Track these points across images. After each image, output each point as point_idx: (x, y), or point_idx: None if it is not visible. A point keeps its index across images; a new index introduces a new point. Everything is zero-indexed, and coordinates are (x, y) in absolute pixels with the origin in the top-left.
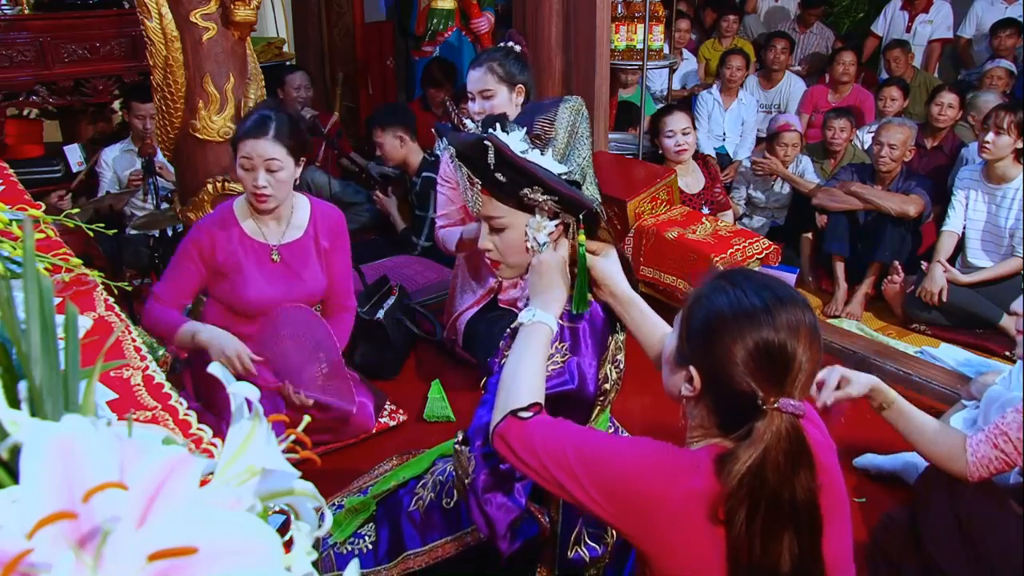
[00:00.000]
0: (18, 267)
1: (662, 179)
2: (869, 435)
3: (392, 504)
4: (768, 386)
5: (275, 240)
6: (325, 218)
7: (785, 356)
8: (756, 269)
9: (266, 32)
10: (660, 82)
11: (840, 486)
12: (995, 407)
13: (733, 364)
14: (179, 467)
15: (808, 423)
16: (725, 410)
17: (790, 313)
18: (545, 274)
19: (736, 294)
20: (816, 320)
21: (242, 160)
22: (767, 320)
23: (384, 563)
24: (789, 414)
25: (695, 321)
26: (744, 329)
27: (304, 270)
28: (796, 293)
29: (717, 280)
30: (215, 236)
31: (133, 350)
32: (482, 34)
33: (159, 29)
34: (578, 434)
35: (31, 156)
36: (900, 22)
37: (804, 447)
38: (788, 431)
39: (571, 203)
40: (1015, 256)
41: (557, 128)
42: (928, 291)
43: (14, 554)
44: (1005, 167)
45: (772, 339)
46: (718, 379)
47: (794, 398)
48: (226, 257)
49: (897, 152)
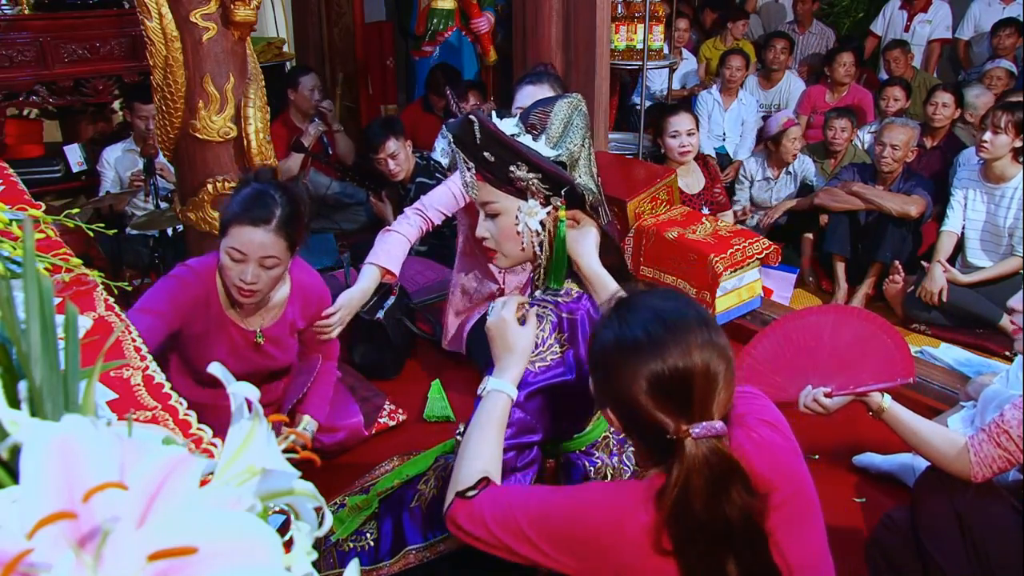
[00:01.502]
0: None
1: (662, 179)
2: (869, 435)
3: (394, 501)
4: (675, 416)
5: (257, 325)
6: (305, 301)
7: (681, 383)
8: (758, 272)
9: (266, 32)
10: (660, 82)
11: (806, 487)
12: (992, 406)
13: (636, 403)
14: (179, 467)
15: (765, 427)
16: (649, 444)
17: (677, 336)
18: (496, 338)
19: (621, 329)
20: (713, 330)
21: (230, 250)
22: (652, 351)
23: (385, 560)
24: (705, 439)
25: (593, 363)
26: (634, 366)
27: (278, 351)
28: (686, 310)
29: (607, 315)
30: (195, 307)
31: (133, 350)
32: (482, 34)
33: (159, 29)
34: (525, 496)
35: (31, 156)
36: (899, 22)
37: (730, 467)
38: (707, 456)
39: (554, 180)
40: (1015, 255)
41: (552, 118)
42: (928, 291)
43: (14, 554)
44: (1003, 166)
45: (661, 370)
46: (630, 418)
47: (711, 417)
48: (201, 330)
49: (899, 152)
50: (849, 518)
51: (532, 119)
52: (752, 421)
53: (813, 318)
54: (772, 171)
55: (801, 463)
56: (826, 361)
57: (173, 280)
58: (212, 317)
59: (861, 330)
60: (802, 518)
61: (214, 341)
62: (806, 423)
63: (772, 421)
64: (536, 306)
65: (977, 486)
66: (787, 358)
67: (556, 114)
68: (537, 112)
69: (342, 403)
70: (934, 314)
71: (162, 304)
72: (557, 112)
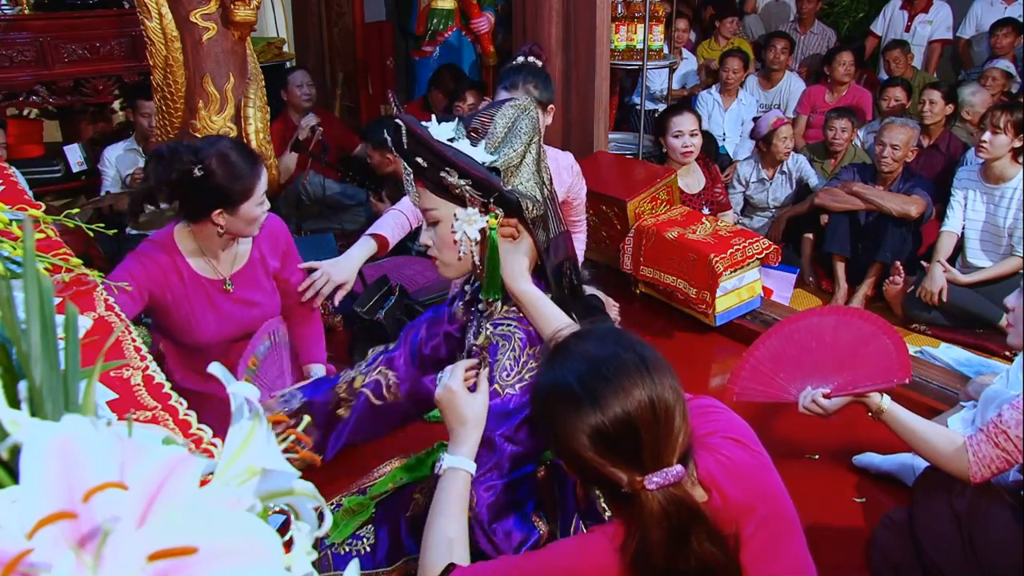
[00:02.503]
0: (18, 267)
1: (662, 179)
2: (869, 435)
3: (391, 507)
4: (626, 468)
5: (227, 270)
6: (271, 239)
7: (626, 433)
8: (758, 272)
9: (266, 32)
10: (660, 82)
11: (782, 502)
12: (992, 406)
13: (583, 458)
14: (179, 467)
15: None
16: (607, 494)
17: (614, 384)
18: (446, 410)
19: (556, 379)
20: (655, 370)
21: (262, 196)
22: (592, 405)
23: (383, 566)
24: (662, 488)
25: (535, 414)
26: (574, 421)
27: (256, 295)
28: (624, 353)
29: (544, 362)
30: (163, 273)
31: (133, 350)
32: (482, 34)
33: (159, 29)
34: (492, 570)
35: (31, 156)
36: (899, 22)
37: (690, 516)
38: (665, 507)
39: (485, 187)
40: (1014, 255)
41: (496, 122)
42: (928, 291)
43: (14, 554)
44: (1003, 166)
45: (601, 423)
46: (580, 470)
47: (667, 462)
48: (175, 297)
49: (900, 152)
50: (849, 518)
51: (474, 123)
52: (717, 441)
53: (815, 319)
54: (766, 172)
55: (774, 476)
56: (827, 362)
57: (132, 257)
58: (185, 279)
59: (861, 331)
60: (781, 535)
61: (194, 302)
62: (806, 423)
63: (737, 437)
64: (500, 326)
65: (976, 486)
66: (789, 359)
67: (499, 119)
68: (481, 116)
69: None
70: (934, 314)
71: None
72: (501, 117)
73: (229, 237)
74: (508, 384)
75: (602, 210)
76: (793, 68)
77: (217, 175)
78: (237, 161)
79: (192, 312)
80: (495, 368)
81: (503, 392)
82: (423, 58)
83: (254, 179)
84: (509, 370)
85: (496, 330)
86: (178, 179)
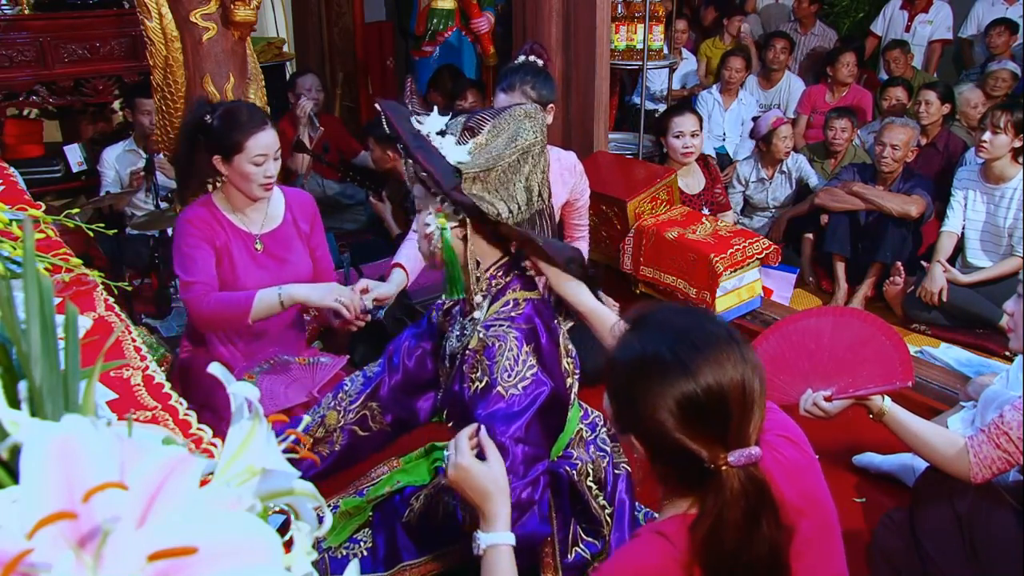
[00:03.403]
0: (18, 267)
1: (662, 179)
2: (869, 435)
3: (388, 511)
4: (710, 443)
5: (256, 230)
6: (299, 203)
7: (716, 404)
8: (758, 272)
9: (266, 32)
10: (660, 82)
11: (825, 505)
12: (993, 407)
13: (665, 429)
14: (179, 467)
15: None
16: (679, 473)
17: (708, 354)
18: (466, 490)
19: (644, 350)
20: (744, 346)
21: (256, 158)
22: (683, 372)
23: (380, 570)
24: (743, 467)
25: (615, 387)
26: (662, 389)
27: (290, 255)
28: (712, 325)
29: (626, 333)
30: (208, 223)
31: (133, 350)
32: (482, 34)
33: (159, 29)
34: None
35: (31, 156)
36: (900, 21)
37: (765, 497)
38: (744, 486)
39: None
40: (1014, 255)
41: (489, 127)
42: (928, 291)
43: (14, 554)
44: (1003, 166)
45: (694, 392)
46: (658, 446)
47: (748, 442)
48: (221, 245)
49: (900, 152)
50: (849, 518)
51: (471, 123)
52: (774, 439)
53: (813, 320)
54: (766, 171)
55: (822, 483)
56: (826, 363)
57: (182, 223)
58: (226, 230)
59: (861, 332)
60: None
61: (234, 251)
62: (806, 424)
63: (792, 437)
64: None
65: (977, 487)
66: (788, 360)
67: (496, 124)
68: (479, 116)
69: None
70: (934, 314)
71: (194, 239)
72: (499, 122)
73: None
74: (511, 385)
75: (602, 210)
76: (793, 68)
77: (217, 123)
78: (238, 116)
79: (233, 261)
80: (495, 370)
81: (507, 394)
82: (423, 58)
83: (248, 135)
84: (510, 370)
85: (489, 332)
86: (194, 124)
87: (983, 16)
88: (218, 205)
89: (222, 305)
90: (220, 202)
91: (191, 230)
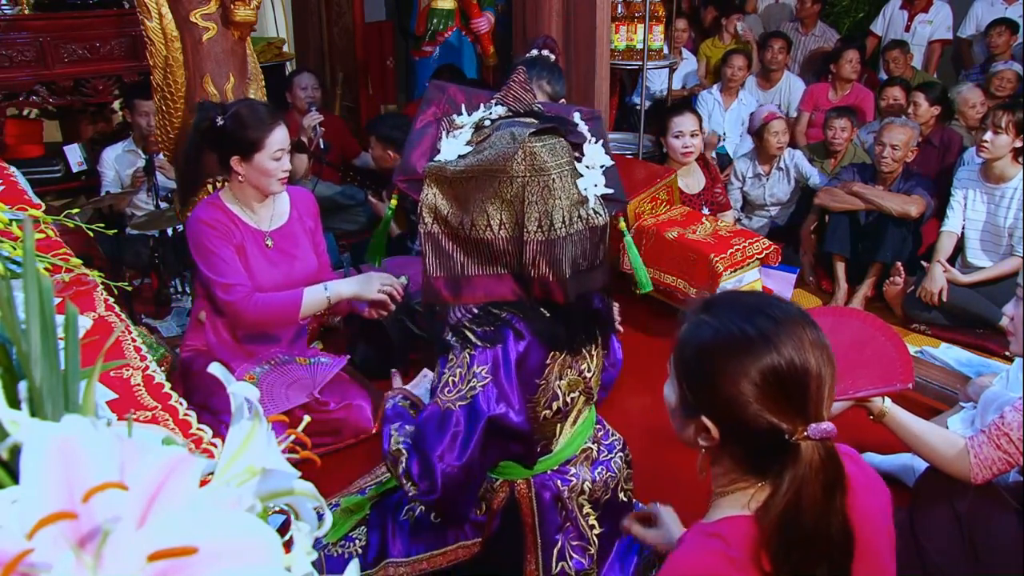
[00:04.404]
0: (18, 267)
1: (662, 179)
2: (869, 435)
3: (384, 509)
4: (791, 416)
5: (267, 227)
6: (303, 200)
7: (798, 377)
8: (758, 272)
9: (266, 32)
10: (660, 82)
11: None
12: (993, 407)
13: (745, 403)
14: (179, 467)
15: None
16: (752, 454)
17: (788, 329)
18: None
19: (723, 326)
20: (819, 329)
21: (276, 153)
22: (766, 345)
23: (368, 568)
24: (821, 440)
25: (688, 367)
26: (744, 362)
27: (298, 251)
28: (787, 305)
29: (698, 316)
30: (224, 223)
31: (133, 350)
32: (482, 34)
33: (159, 29)
34: None
35: (31, 156)
36: (899, 22)
37: (839, 471)
38: (823, 459)
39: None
40: (1014, 255)
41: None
42: (928, 291)
43: (14, 554)
44: (1003, 166)
45: (778, 364)
46: (734, 424)
47: (822, 418)
48: (237, 242)
49: (899, 152)
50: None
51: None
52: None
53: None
54: (763, 167)
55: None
56: None
57: (199, 227)
58: (239, 226)
59: (861, 333)
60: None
61: (248, 246)
62: None
63: (847, 452)
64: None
65: (977, 488)
66: None
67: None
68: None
69: (354, 388)
70: (934, 314)
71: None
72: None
73: (260, 193)
74: (449, 400)
75: None
76: (793, 69)
77: (234, 124)
78: (253, 114)
79: (248, 258)
80: (439, 379)
81: (443, 408)
82: (423, 58)
83: (267, 132)
84: (451, 387)
85: (451, 337)
86: (206, 127)
87: (983, 16)
88: (228, 204)
89: (271, 307)
90: (230, 201)
91: (210, 232)
